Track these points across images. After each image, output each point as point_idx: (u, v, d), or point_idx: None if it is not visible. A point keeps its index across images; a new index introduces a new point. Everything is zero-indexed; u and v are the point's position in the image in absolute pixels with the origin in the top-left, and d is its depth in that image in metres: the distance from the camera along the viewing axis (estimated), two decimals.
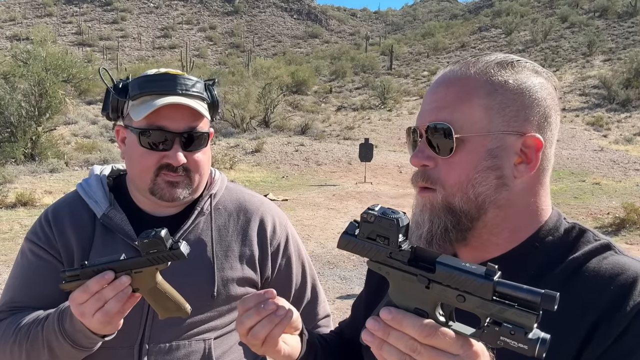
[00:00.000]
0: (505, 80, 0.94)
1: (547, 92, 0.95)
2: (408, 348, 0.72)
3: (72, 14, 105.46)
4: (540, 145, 0.92)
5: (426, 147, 0.96)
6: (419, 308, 0.75)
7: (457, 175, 0.93)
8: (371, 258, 0.81)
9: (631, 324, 0.82)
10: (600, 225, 9.66)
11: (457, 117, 0.93)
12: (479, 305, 0.70)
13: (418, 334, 0.72)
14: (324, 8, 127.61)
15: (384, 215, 0.78)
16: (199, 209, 1.48)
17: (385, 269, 0.79)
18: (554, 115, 0.96)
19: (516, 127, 0.93)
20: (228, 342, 1.47)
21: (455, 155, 0.93)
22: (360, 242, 0.81)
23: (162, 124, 1.37)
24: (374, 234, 0.80)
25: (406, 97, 35.18)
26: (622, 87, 29.08)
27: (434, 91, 0.98)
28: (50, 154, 16.82)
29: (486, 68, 0.95)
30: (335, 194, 13.63)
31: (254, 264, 1.50)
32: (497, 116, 0.92)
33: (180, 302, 1.21)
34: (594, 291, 0.86)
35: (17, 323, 1.33)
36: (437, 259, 0.75)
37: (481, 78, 0.94)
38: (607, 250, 0.92)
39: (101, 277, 1.12)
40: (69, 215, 1.46)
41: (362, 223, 0.81)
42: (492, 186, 0.92)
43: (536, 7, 74.37)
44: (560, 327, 0.84)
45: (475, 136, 0.92)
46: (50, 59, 20.87)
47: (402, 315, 0.74)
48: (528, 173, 0.93)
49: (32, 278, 1.42)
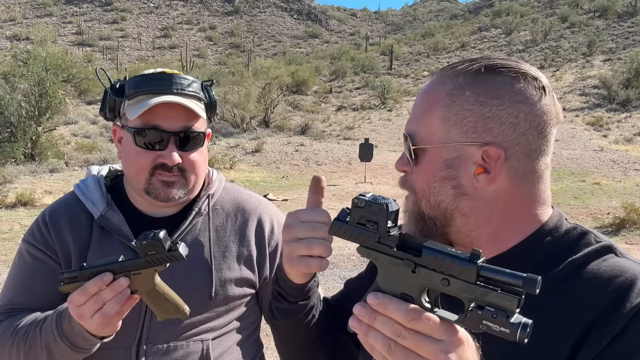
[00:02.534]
0: (463, 92, 0.94)
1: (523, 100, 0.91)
2: (393, 333, 0.73)
3: (72, 14, 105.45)
4: (499, 156, 0.91)
5: (405, 154, 1.01)
6: (405, 293, 0.76)
7: (421, 183, 0.98)
8: (361, 243, 0.82)
9: (628, 325, 0.82)
10: (600, 225, 9.65)
11: (418, 129, 0.98)
12: (462, 289, 0.71)
13: (403, 319, 0.72)
14: (324, 8, 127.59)
15: (374, 201, 0.80)
16: (197, 210, 1.48)
17: (374, 254, 0.80)
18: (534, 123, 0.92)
19: (474, 137, 0.92)
20: (226, 342, 1.46)
21: (420, 164, 0.98)
22: (351, 227, 0.83)
23: (157, 123, 1.36)
24: (364, 219, 0.81)
25: (406, 97, 35.13)
26: (622, 87, 29.05)
27: (415, 100, 1.04)
28: (50, 154, 16.82)
29: (451, 79, 0.96)
30: (335, 194, 13.62)
31: (252, 265, 1.49)
32: (454, 127, 0.94)
33: (179, 304, 1.21)
34: (591, 292, 0.86)
35: (15, 325, 1.33)
36: (424, 244, 0.76)
37: (442, 90, 0.96)
38: (608, 253, 0.92)
39: (100, 279, 1.12)
40: (66, 216, 1.45)
41: (353, 208, 0.82)
42: (450, 195, 0.95)
43: (536, 7, 74.36)
44: (555, 326, 0.84)
45: (432, 147, 0.96)
46: (50, 59, 20.89)
47: (388, 300, 0.75)
48: (490, 183, 0.92)
49: (29, 280, 1.42)
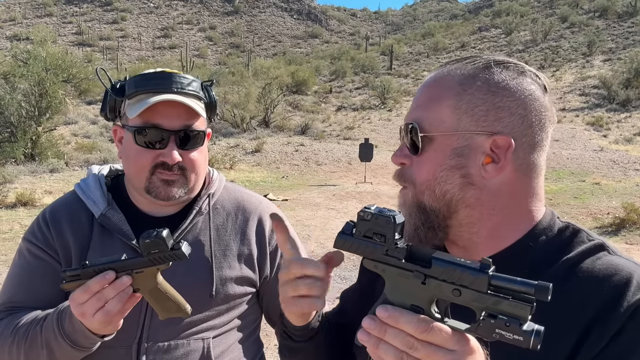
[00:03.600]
0: (475, 82, 0.94)
1: (530, 94, 0.94)
2: (405, 345, 0.72)
3: (72, 14, 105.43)
4: (509, 145, 0.92)
5: (405, 146, 1.00)
6: (415, 305, 0.76)
7: (425, 174, 0.95)
8: (367, 256, 0.81)
9: (626, 324, 0.82)
10: (600, 225, 9.65)
11: (426, 117, 0.96)
12: (474, 299, 0.71)
13: (415, 330, 0.72)
14: (324, 8, 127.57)
15: (380, 213, 0.80)
16: (197, 209, 1.48)
17: (382, 267, 0.80)
18: (538, 117, 0.94)
19: (485, 127, 0.93)
20: (227, 341, 1.47)
21: (424, 154, 0.96)
22: (357, 240, 0.82)
23: (157, 122, 1.37)
24: (370, 232, 0.80)
25: (406, 97, 35.13)
26: (622, 87, 29.03)
27: (417, 93, 1.03)
28: (50, 154, 16.80)
29: (461, 70, 0.97)
30: (335, 194, 13.62)
31: (253, 263, 1.50)
32: (464, 116, 0.94)
33: (180, 303, 1.21)
34: (588, 291, 0.87)
35: (15, 323, 1.33)
36: (433, 255, 0.76)
37: (453, 79, 0.96)
38: (600, 251, 0.92)
39: (102, 277, 1.13)
40: (67, 215, 1.46)
41: (359, 221, 0.82)
42: (457, 185, 0.94)
43: (536, 7, 74.34)
44: (554, 327, 0.84)
45: (441, 135, 0.94)
46: (50, 59, 20.89)
47: (398, 312, 0.74)
48: (498, 173, 0.93)
49: (29, 278, 1.42)
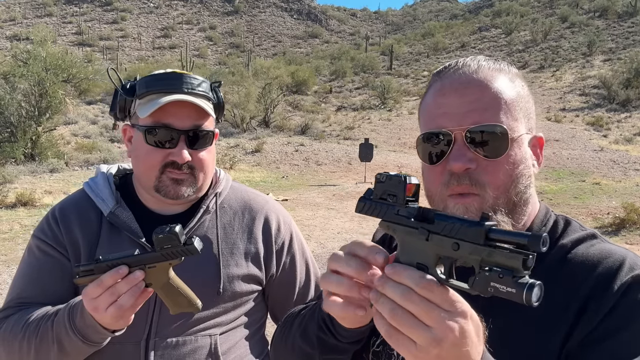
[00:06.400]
0: (518, 82, 1.00)
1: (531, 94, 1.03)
2: (402, 297, 0.73)
3: (72, 14, 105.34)
4: (543, 143, 1.00)
5: (467, 149, 0.93)
6: (420, 263, 0.78)
7: (504, 177, 0.93)
8: (382, 218, 0.85)
9: (618, 302, 0.86)
10: (600, 225, 9.65)
11: (503, 119, 0.93)
12: (471, 251, 0.72)
13: (415, 284, 0.73)
14: (324, 8, 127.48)
15: (394, 175, 0.84)
16: (205, 207, 1.50)
17: (393, 227, 0.83)
18: None
19: (530, 127, 0.99)
20: (234, 337, 1.49)
21: (499, 157, 0.93)
22: (374, 203, 0.87)
23: (167, 122, 1.39)
24: (385, 193, 0.85)
25: (406, 97, 35.15)
26: (622, 87, 29.07)
27: (462, 93, 0.95)
28: (50, 154, 16.80)
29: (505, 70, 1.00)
30: (335, 194, 13.64)
31: (259, 262, 1.52)
32: (523, 118, 0.97)
33: (191, 298, 1.23)
34: (583, 274, 0.91)
35: (26, 319, 1.35)
36: (435, 212, 0.79)
37: (505, 79, 0.98)
38: (593, 239, 0.98)
39: (115, 272, 1.15)
40: (76, 212, 1.48)
41: (376, 184, 0.86)
42: (526, 185, 0.97)
43: (536, 7, 74.34)
44: (551, 307, 0.89)
45: (519, 136, 0.96)
46: (50, 59, 20.85)
47: (402, 267, 0.77)
48: (536, 170, 1.00)
49: (39, 274, 1.44)
